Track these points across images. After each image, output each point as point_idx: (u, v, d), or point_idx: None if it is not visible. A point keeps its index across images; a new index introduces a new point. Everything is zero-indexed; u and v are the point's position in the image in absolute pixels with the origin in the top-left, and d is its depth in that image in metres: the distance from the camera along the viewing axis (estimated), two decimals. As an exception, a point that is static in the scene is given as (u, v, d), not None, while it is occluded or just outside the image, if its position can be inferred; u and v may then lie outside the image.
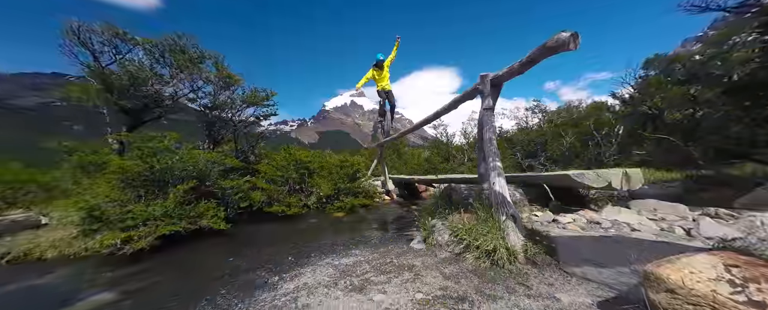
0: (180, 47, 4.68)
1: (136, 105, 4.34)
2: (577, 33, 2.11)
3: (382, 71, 6.10)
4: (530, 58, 2.49)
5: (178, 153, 4.22)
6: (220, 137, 5.64)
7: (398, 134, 6.47)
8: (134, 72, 4.07)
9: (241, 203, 4.70)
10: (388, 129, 6.83)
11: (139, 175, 3.91)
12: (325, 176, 6.86)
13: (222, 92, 5.43)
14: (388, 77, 6.30)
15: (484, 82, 3.02)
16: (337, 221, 5.04)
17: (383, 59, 5.98)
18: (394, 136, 6.76)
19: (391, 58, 6.07)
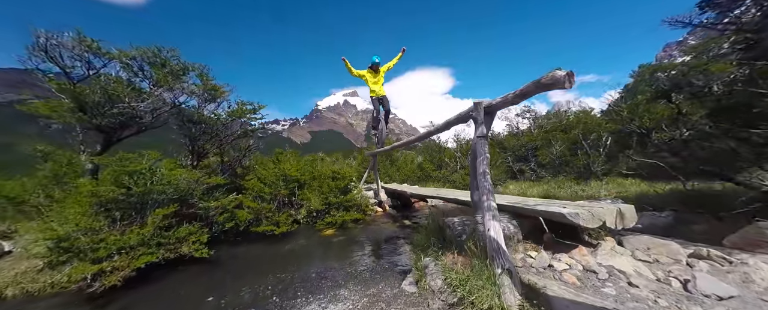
0: (161, 60, 4.42)
1: (111, 122, 4.07)
2: (572, 72, 2.06)
3: (376, 75, 5.74)
4: (524, 91, 2.44)
5: (157, 173, 3.99)
6: (205, 152, 5.38)
7: (390, 147, 6.34)
8: (109, 89, 3.81)
9: (226, 224, 4.48)
10: (383, 139, 6.55)
11: (114, 199, 3.67)
12: (315, 189, 6.70)
13: (207, 105, 5.19)
14: (382, 82, 5.93)
15: (478, 109, 2.95)
16: (326, 241, 4.89)
17: (380, 63, 5.61)
18: (386, 148, 6.54)
19: (389, 65, 5.75)
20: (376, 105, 6.12)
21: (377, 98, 6.02)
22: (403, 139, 6.48)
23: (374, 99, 6.05)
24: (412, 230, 5.31)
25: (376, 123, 6.64)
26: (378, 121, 6.47)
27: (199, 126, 5.00)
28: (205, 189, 4.56)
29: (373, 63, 5.57)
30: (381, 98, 6.04)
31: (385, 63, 5.79)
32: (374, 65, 5.58)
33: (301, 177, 6.85)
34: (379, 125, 6.51)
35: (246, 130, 5.88)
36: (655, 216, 2.89)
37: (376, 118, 6.48)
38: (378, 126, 6.58)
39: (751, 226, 2.21)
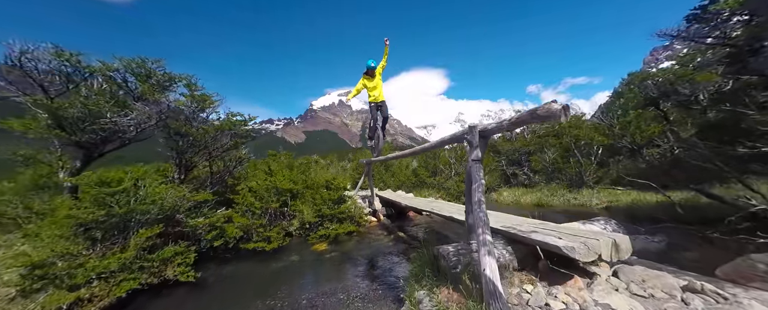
0: (146, 71, 4.23)
1: (92, 138, 3.88)
2: (567, 106, 2.03)
3: (373, 79, 5.39)
4: (519, 120, 2.40)
5: (141, 191, 3.82)
6: (193, 164, 5.21)
7: (385, 158, 6.21)
8: (89, 104, 3.62)
9: (215, 242, 4.33)
10: (380, 149, 6.05)
11: (94, 220, 3.49)
12: (309, 200, 6.57)
13: (195, 116, 5.01)
14: (381, 86, 5.52)
15: (473, 132, 2.90)
16: (319, 258, 4.78)
17: (374, 66, 5.26)
18: (382, 158, 6.28)
19: (382, 64, 5.40)
20: (373, 113, 5.69)
21: (375, 105, 5.61)
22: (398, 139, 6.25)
23: (372, 106, 5.62)
24: (406, 246, 5.25)
25: (372, 132, 6.20)
26: (374, 130, 6.03)
27: (187, 139, 4.82)
28: (192, 205, 4.39)
29: (368, 68, 5.25)
30: (380, 104, 5.64)
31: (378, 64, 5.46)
32: (370, 70, 5.27)
33: (294, 187, 6.72)
34: (375, 134, 6.09)
35: (236, 142, 5.70)
36: (648, 240, 2.91)
37: (372, 127, 6.02)
38: (374, 135, 6.15)
39: (743, 259, 2.22)
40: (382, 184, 12.35)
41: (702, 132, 4.90)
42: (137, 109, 3.92)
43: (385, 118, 5.82)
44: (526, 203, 8.99)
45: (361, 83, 5.40)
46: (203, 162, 5.36)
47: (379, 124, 5.84)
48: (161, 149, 5.25)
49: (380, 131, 5.85)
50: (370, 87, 5.41)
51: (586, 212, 7.29)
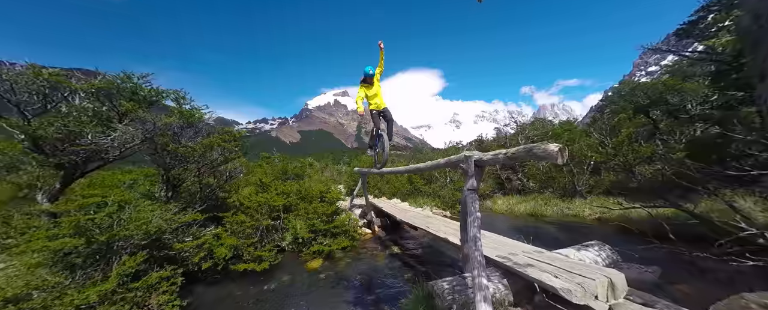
0: (131, 88, 4.06)
1: (72, 160, 3.70)
2: (564, 147, 2.01)
3: (372, 87, 5.04)
4: (515, 155, 2.37)
5: (125, 214, 3.66)
6: (181, 182, 5.04)
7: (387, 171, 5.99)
8: (69, 125, 3.44)
9: (203, 265, 4.19)
10: (385, 159, 5.34)
11: (74, 248, 3.32)
12: (302, 215, 6.44)
13: (184, 132, 4.84)
14: (381, 92, 5.15)
15: (468, 162, 2.86)
16: (311, 278, 4.68)
17: (372, 73, 4.92)
18: (383, 170, 5.81)
19: (379, 69, 5.06)
20: (376, 121, 5.20)
21: (378, 112, 5.18)
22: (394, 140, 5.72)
23: (374, 113, 5.16)
24: (401, 263, 5.18)
25: (375, 141, 5.60)
26: (379, 137, 5.40)
27: (174, 156, 4.66)
28: (180, 226, 4.24)
29: (366, 75, 4.92)
30: (382, 112, 5.21)
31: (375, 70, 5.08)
32: (368, 78, 4.93)
33: (288, 200, 6.58)
34: (379, 141, 5.47)
35: (226, 158, 5.54)
36: (642, 270, 2.91)
37: (375, 134, 5.46)
38: (377, 144, 5.56)
39: (737, 297, 2.22)
40: (378, 191, 12.27)
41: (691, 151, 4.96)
42: (120, 130, 3.75)
43: (390, 120, 5.32)
44: (520, 212, 9.03)
45: (361, 92, 5.06)
46: (192, 178, 5.19)
47: (384, 131, 5.30)
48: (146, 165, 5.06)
49: (386, 140, 5.20)
50: (370, 95, 5.07)
51: (579, 223, 7.34)
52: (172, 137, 4.80)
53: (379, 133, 5.32)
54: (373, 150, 6.00)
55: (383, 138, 5.21)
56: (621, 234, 5.53)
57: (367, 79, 4.96)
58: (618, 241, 5.03)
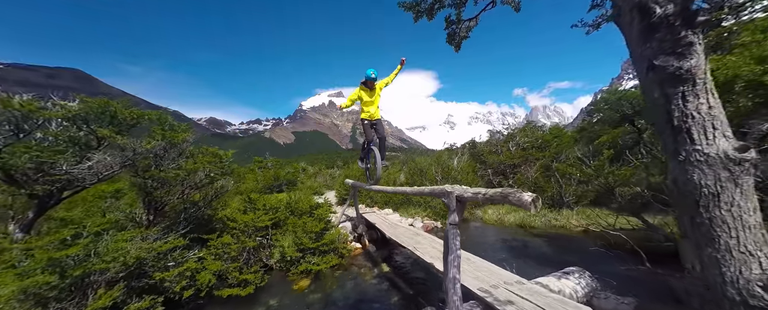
0: (109, 113, 3.95)
1: (46, 190, 3.58)
2: (538, 196, 2.04)
3: (372, 93, 4.58)
4: (492, 197, 2.40)
5: (102, 245, 3.55)
6: (164, 205, 4.92)
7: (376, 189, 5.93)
8: (42, 156, 3.33)
9: (185, 293, 4.10)
10: (378, 177, 4.95)
11: (46, 283, 3.20)
12: (290, 230, 6.38)
13: (167, 154, 4.74)
14: (378, 103, 4.72)
15: (450, 197, 2.88)
16: (298, 301, 4.63)
17: (375, 78, 4.46)
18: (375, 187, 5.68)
19: (387, 80, 4.65)
20: (368, 132, 4.76)
21: (370, 122, 4.72)
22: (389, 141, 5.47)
23: (366, 123, 4.72)
24: (389, 284, 5.18)
25: (366, 154, 5.23)
26: (369, 151, 5.05)
27: (157, 178, 4.55)
28: (161, 253, 4.14)
29: (367, 78, 4.43)
30: (374, 123, 4.76)
31: (383, 78, 4.68)
32: (369, 81, 4.45)
33: (276, 216, 6.50)
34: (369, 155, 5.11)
35: (211, 178, 5.45)
36: (619, 301, 2.98)
37: (367, 148, 5.13)
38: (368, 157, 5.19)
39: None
40: (369, 200, 12.25)
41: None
42: (97, 158, 3.64)
43: (382, 138, 4.89)
44: (509, 222, 9.14)
45: (357, 94, 4.60)
46: (175, 200, 5.08)
47: (375, 146, 4.92)
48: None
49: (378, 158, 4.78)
50: (365, 101, 4.61)
51: (565, 235, 7.48)
52: (154, 160, 4.69)
53: (371, 147, 4.98)
54: (364, 163, 5.76)
55: (375, 154, 4.81)
56: (605, 249, 5.66)
57: (368, 83, 4.50)
58: (601, 258, 5.14)
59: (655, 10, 1.09)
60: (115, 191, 5.39)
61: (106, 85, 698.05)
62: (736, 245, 1.01)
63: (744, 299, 1.01)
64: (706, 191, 1.08)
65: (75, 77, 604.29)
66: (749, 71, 2.14)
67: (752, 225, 1.00)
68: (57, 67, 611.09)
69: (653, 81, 1.22)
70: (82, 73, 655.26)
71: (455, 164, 12.84)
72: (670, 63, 1.11)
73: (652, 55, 1.17)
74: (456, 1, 2.23)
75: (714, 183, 1.05)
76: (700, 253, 1.11)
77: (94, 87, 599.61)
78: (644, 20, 1.12)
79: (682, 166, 1.16)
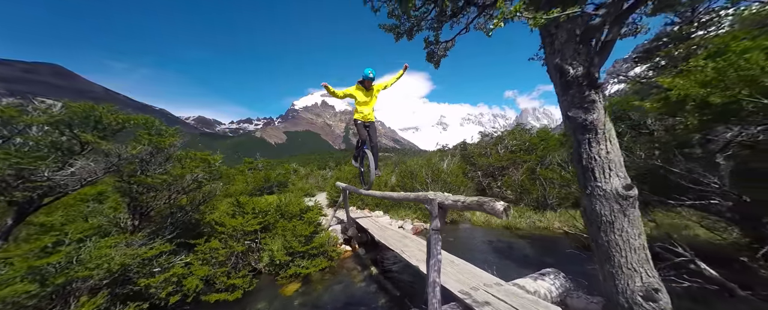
0: (94, 118, 3.90)
1: (26, 197, 3.51)
2: (509, 206, 2.20)
3: (369, 94, 4.43)
4: (469, 205, 2.54)
5: (83, 253, 3.51)
6: (150, 209, 4.87)
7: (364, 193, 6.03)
8: (22, 162, 3.26)
9: (171, 299, 4.09)
10: (371, 181, 4.77)
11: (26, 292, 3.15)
12: (280, 233, 6.40)
13: (153, 159, 4.69)
14: (374, 104, 4.58)
15: (433, 204, 3.02)
16: (287, 305, 4.67)
17: (373, 78, 4.32)
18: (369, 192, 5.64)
19: (386, 83, 4.53)
20: (361, 131, 4.58)
21: (363, 124, 4.54)
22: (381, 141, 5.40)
23: (360, 124, 4.53)
24: (377, 286, 5.28)
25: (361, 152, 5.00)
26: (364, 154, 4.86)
27: (143, 184, 4.51)
28: (146, 259, 4.11)
29: (365, 78, 4.28)
30: (368, 126, 4.59)
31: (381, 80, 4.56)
32: (366, 81, 4.30)
33: (266, 219, 6.51)
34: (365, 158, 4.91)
35: (199, 183, 5.41)
36: (588, 300, 3.19)
37: (360, 147, 4.96)
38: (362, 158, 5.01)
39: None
40: (361, 202, 12.33)
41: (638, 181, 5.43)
42: (79, 165, 3.60)
43: (375, 144, 4.71)
44: (495, 224, 9.40)
45: (353, 91, 4.44)
46: (161, 205, 5.03)
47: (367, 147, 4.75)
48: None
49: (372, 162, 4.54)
50: (361, 101, 4.43)
51: (548, 236, 7.79)
52: (140, 165, 4.64)
53: (365, 149, 4.80)
54: (358, 161, 5.50)
55: (369, 158, 4.58)
56: (579, 251, 5.96)
57: (365, 82, 4.34)
58: (576, 259, 5.43)
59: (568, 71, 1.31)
60: (97, 194, 5.29)
61: (88, 82, 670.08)
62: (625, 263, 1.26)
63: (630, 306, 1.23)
64: (604, 218, 1.33)
65: (54, 73, 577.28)
66: (695, 93, 2.38)
67: (637, 247, 1.25)
68: (34, 62, 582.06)
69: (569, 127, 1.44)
70: (62, 69, 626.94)
71: (445, 167, 13.06)
72: (579, 115, 1.34)
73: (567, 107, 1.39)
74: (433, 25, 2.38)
75: (610, 213, 1.29)
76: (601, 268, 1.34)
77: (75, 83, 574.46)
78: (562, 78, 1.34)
79: (588, 198, 1.38)
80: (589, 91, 1.31)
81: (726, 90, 2.19)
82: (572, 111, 1.37)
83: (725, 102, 2.24)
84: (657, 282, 1.24)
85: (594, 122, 1.33)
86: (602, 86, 1.31)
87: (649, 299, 1.18)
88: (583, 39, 1.34)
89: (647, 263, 1.26)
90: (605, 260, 1.35)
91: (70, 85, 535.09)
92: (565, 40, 1.35)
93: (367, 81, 4.32)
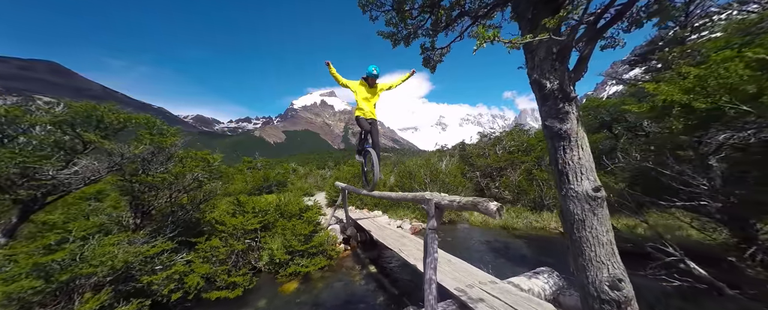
0: (96, 117, 3.95)
1: (31, 194, 3.56)
2: (502, 206, 2.29)
3: (372, 92, 4.35)
4: (464, 205, 2.63)
5: (87, 251, 3.58)
6: (152, 208, 4.93)
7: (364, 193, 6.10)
8: (28, 160, 3.32)
9: (172, 296, 4.16)
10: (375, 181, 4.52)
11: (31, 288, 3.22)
12: (280, 232, 6.47)
13: (155, 158, 4.75)
14: (376, 101, 4.50)
15: (429, 204, 3.10)
16: (287, 302, 4.75)
17: (377, 75, 4.24)
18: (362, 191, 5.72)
19: (390, 85, 4.48)
20: (363, 124, 4.43)
21: (366, 121, 4.43)
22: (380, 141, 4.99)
23: (362, 120, 4.40)
24: (376, 285, 5.37)
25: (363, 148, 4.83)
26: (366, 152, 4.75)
27: (144, 183, 4.57)
28: (148, 257, 4.18)
29: (369, 75, 4.21)
30: (371, 123, 4.50)
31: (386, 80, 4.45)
32: (370, 78, 4.23)
33: (266, 218, 6.58)
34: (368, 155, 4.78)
35: (200, 182, 5.48)
36: (572, 296, 3.29)
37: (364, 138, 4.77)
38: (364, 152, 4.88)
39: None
40: (359, 202, 12.40)
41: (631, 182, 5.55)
42: (83, 164, 3.66)
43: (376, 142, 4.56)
44: (493, 224, 9.50)
45: (355, 85, 4.33)
46: (163, 204, 5.09)
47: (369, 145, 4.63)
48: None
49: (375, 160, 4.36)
50: (363, 97, 4.32)
51: (544, 237, 7.90)
52: (142, 164, 4.70)
53: (367, 147, 4.66)
54: (362, 156, 5.23)
55: (373, 157, 4.40)
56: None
57: (369, 79, 4.26)
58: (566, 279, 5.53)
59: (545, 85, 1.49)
60: (96, 193, 5.35)
61: (86, 80, 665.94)
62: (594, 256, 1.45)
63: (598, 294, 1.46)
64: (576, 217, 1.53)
65: (51, 70, 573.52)
66: (679, 99, 2.49)
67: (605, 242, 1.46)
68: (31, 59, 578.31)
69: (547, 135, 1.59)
70: (59, 66, 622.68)
71: (443, 167, 13.17)
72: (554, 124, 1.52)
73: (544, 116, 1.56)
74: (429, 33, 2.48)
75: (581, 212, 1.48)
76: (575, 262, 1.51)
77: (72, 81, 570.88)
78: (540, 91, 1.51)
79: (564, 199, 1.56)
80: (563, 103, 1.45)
81: (708, 97, 2.29)
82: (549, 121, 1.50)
83: (708, 108, 2.34)
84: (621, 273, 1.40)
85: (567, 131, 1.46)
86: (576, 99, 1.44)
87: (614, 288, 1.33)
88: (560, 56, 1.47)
89: (613, 257, 1.40)
90: (578, 254, 1.48)
91: (67, 82, 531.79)
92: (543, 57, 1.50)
93: (371, 78, 4.26)
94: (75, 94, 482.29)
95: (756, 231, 3.68)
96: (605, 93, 21.14)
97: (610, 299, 1.45)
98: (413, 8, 2.37)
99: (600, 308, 1.43)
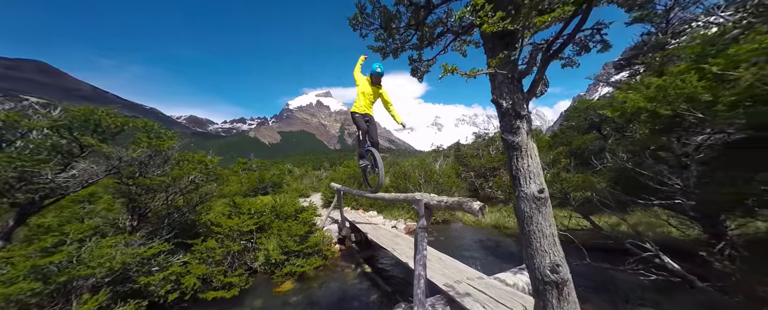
0: (94, 122, 4.02)
1: (27, 198, 3.61)
2: (484, 205, 2.46)
3: (375, 90, 4.29)
4: (451, 205, 2.80)
5: (84, 253, 3.65)
6: (148, 210, 4.99)
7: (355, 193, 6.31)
8: (27, 165, 3.38)
9: (169, 297, 4.24)
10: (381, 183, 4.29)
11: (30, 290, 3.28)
12: (275, 234, 6.57)
13: (152, 161, 4.82)
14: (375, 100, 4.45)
15: (419, 205, 3.26)
16: (282, 302, 4.86)
17: (382, 73, 4.20)
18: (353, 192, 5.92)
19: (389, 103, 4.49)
20: (361, 124, 4.31)
21: (362, 117, 4.31)
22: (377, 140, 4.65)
23: (359, 117, 4.29)
24: (370, 283, 5.51)
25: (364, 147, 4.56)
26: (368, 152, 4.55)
27: (141, 186, 4.64)
28: (145, 258, 4.25)
29: (373, 73, 4.17)
30: (368, 119, 4.38)
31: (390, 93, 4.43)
32: (376, 76, 4.19)
33: (261, 219, 6.67)
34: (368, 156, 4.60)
35: (196, 184, 5.55)
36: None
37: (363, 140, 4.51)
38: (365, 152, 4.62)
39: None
40: (355, 202, 12.53)
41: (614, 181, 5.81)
42: (81, 167, 3.73)
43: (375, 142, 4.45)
44: (485, 223, 9.73)
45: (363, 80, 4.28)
46: (160, 206, 5.16)
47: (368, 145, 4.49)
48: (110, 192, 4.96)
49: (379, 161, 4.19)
50: (364, 93, 4.26)
51: (534, 235, 8.15)
52: (139, 167, 4.77)
53: (369, 148, 4.47)
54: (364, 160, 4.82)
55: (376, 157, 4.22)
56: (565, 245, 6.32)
57: (374, 78, 4.21)
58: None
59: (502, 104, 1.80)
60: (89, 195, 5.38)
61: (75, 80, 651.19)
62: (539, 247, 1.84)
63: (542, 277, 1.81)
64: (526, 214, 1.92)
65: (38, 70, 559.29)
66: (644, 106, 2.71)
67: (548, 235, 1.85)
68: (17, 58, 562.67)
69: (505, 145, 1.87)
70: (47, 66, 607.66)
71: (437, 168, 13.38)
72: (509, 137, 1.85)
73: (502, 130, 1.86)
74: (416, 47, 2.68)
75: (529, 210, 1.85)
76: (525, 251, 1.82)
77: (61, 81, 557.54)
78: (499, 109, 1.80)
79: (517, 199, 1.84)
80: (516, 120, 1.69)
81: (668, 105, 2.51)
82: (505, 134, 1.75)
83: (671, 114, 2.56)
84: (560, 259, 1.71)
85: (519, 143, 1.71)
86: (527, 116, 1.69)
87: (554, 271, 1.65)
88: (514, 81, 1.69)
89: (555, 246, 1.63)
90: (527, 245, 1.71)
91: (55, 82, 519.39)
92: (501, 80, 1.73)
93: (375, 76, 4.20)
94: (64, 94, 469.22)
95: (725, 228, 3.94)
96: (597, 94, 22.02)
97: (551, 281, 1.80)
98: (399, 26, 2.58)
99: (544, 288, 1.70)
